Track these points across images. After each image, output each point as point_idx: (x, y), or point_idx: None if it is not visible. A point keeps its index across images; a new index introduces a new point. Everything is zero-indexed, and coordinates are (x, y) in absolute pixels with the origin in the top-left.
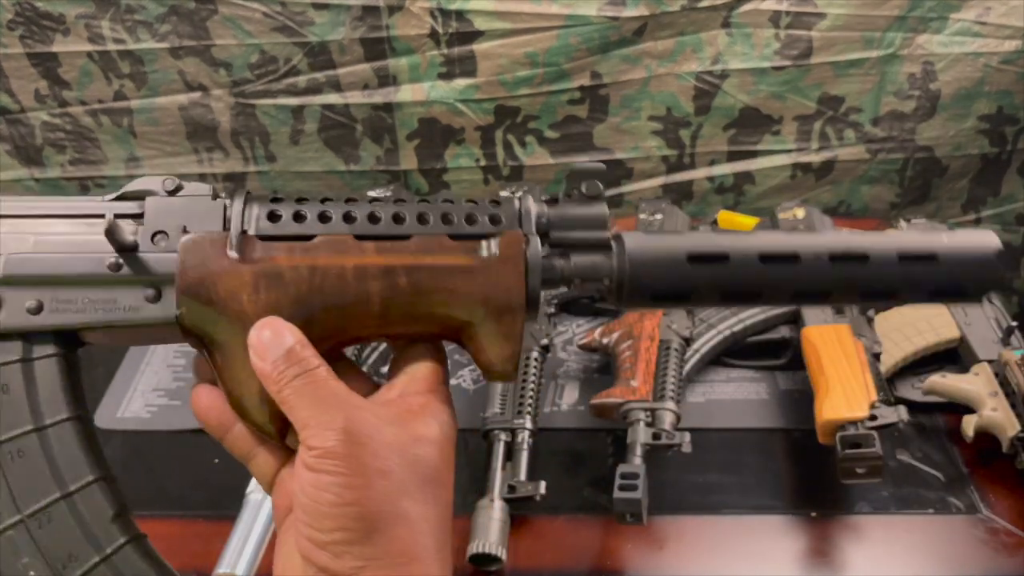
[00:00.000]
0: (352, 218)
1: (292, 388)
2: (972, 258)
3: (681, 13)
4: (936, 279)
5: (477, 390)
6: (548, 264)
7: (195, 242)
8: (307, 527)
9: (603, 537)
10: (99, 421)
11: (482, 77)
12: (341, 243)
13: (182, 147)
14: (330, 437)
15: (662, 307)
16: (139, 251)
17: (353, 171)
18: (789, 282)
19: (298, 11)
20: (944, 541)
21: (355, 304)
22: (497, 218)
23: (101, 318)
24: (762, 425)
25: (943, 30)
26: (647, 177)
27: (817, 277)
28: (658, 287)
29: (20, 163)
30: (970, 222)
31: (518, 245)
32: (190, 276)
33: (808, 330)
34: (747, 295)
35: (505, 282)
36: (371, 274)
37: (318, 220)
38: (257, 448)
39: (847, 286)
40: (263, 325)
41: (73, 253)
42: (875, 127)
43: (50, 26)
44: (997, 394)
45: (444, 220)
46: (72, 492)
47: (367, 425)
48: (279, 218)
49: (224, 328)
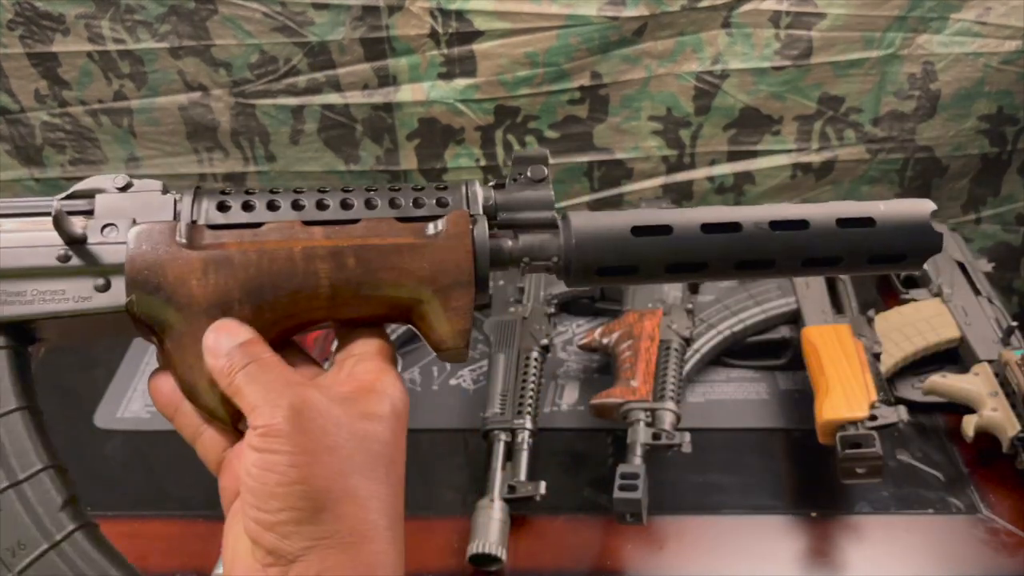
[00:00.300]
0: (300, 206)
1: (241, 375)
2: (909, 222)
3: (681, 13)
4: (875, 244)
5: (477, 390)
6: (496, 244)
7: (144, 231)
8: (254, 508)
9: (603, 537)
10: (99, 421)
11: (482, 77)
12: (289, 228)
13: (182, 147)
14: (276, 414)
15: (610, 283)
16: (88, 243)
17: (353, 171)
18: (732, 251)
19: (298, 11)
20: (944, 541)
21: (304, 286)
22: (444, 202)
23: (50, 308)
24: (762, 425)
25: (943, 30)
26: (647, 177)
27: (759, 245)
28: (605, 260)
29: (20, 163)
30: (970, 222)
31: (465, 223)
32: (139, 263)
33: (808, 330)
34: (692, 265)
35: (453, 257)
36: (319, 255)
37: (266, 208)
38: (203, 427)
39: (789, 253)
40: (218, 327)
41: (21, 247)
42: (875, 127)
43: (50, 26)
44: (997, 394)
45: (392, 205)
46: (21, 481)
47: (314, 402)
48: (228, 208)
49: (173, 314)
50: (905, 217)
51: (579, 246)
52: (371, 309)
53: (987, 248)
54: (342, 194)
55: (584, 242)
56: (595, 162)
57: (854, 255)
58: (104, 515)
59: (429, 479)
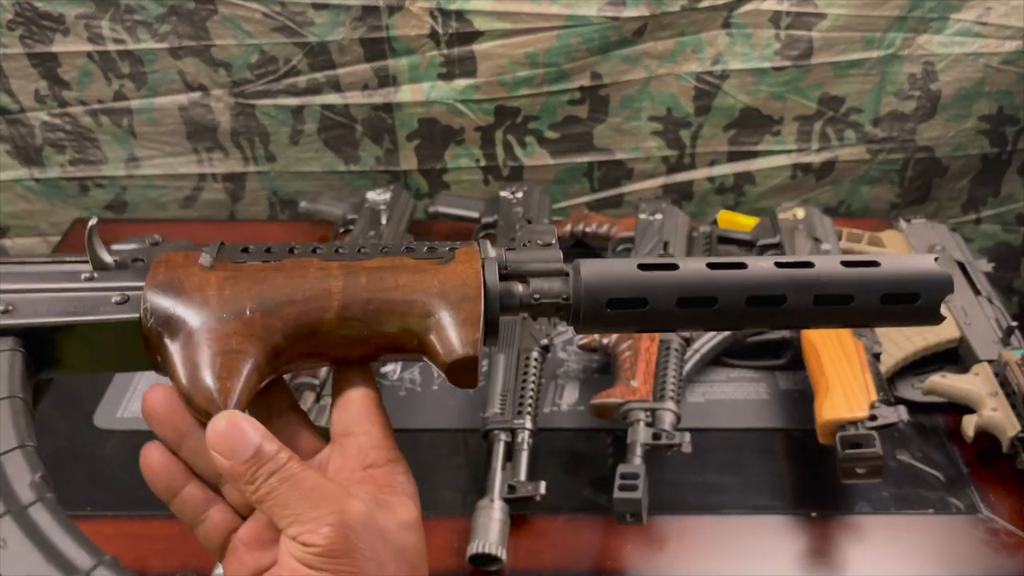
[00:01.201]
0: (316, 251)
1: (270, 488)
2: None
3: (681, 13)
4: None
5: (477, 390)
6: (505, 287)
7: (169, 254)
8: None
9: (603, 537)
10: (99, 421)
11: (482, 77)
12: (307, 261)
13: (182, 147)
14: (326, 534)
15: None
16: (113, 268)
17: (353, 171)
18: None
19: (298, 11)
20: (944, 541)
21: (316, 296)
22: (455, 249)
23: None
24: (762, 425)
25: (943, 30)
26: (647, 177)
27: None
28: (614, 293)
29: (20, 163)
30: (970, 222)
31: (475, 253)
32: (160, 277)
33: (808, 330)
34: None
35: (462, 275)
36: (333, 274)
37: (286, 252)
38: (206, 513)
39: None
40: (220, 418)
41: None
42: (875, 127)
43: (50, 26)
44: (997, 394)
45: (406, 251)
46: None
47: (359, 517)
48: (249, 252)
49: (184, 314)
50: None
51: (587, 283)
52: (380, 326)
53: (987, 248)
54: (358, 245)
55: (593, 279)
56: (595, 162)
57: (865, 291)
58: (104, 515)
59: (429, 479)
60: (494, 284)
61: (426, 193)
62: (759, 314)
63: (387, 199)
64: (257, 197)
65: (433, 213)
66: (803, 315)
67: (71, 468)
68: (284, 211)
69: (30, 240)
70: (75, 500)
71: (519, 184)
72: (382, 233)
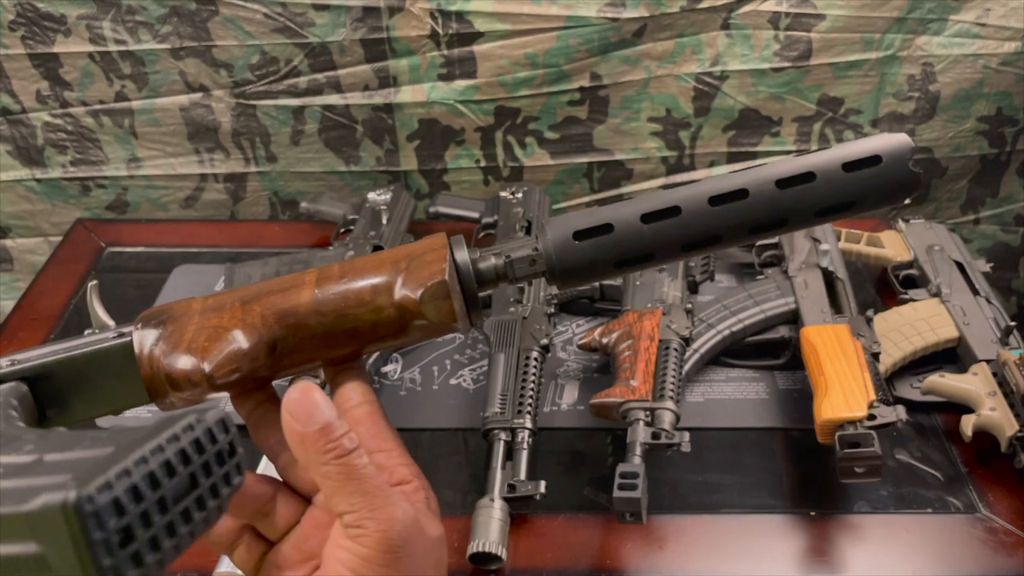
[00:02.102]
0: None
1: (333, 468)
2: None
3: (681, 14)
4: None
5: (477, 390)
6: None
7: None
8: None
9: (603, 536)
10: (100, 421)
11: (482, 78)
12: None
13: (183, 148)
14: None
15: (597, 265)
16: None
17: (353, 172)
18: (700, 192)
19: (299, 12)
20: (943, 540)
21: (291, 287)
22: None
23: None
24: (761, 425)
25: (942, 31)
26: (647, 178)
27: (754, 201)
28: (578, 226)
29: (21, 163)
30: (969, 222)
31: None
32: (150, 311)
33: (807, 330)
34: (665, 212)
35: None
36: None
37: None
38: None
39: (760, 181)
40: (295, 388)
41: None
42: (875, 128)
43: (51, 27)
44: (995, 394)
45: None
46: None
47: (409, 527)
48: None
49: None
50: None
51: (553, 228)
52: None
53: (986, 248)
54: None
55: (557, 221)
56: (595, 163)
57: (825, 166)
58: None
59: (429, 478)
60: (464, 258)
61: (426, 193)
62: (726, 215)
63: (387, 199)
64: (258, 197)
65: (433, 213)
66: (772, 207)
67: None
68: (285, 211)
69: (32, 240)
70: None
71: (519, 184)
72: (382, 233)
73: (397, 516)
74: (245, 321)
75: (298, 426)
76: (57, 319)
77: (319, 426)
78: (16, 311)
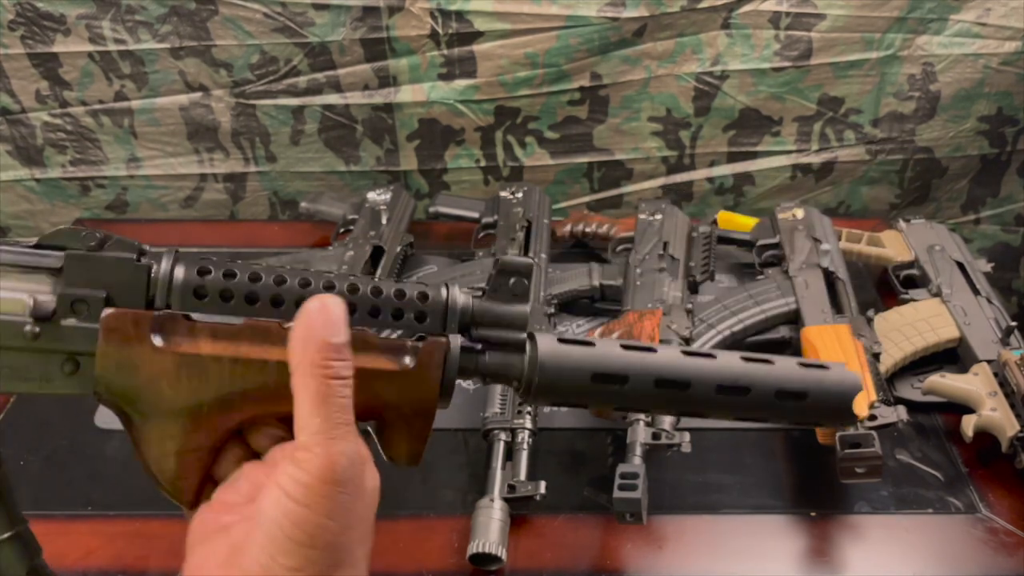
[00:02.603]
0: (279, 302)
1: (315, 384)
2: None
3: (681, 14)
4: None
5: (477, 390)
6: (465, 361)
7: (117, 320)
8: (266, 552)
9: (603, 536)
10: (99, 421)
11: (482, 78)
12: (265, 330)
13: (183, 147)
14: (326, 469)
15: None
16: (59, 319)
17: (353, 171)
18: (681, 403)
19: (298, 12)
20: (943, 541)
21: (276, 397)
22: (423, 316)
23: (14, 387)
24: (761, 425)
25: (943, 31)
26: (647, 178)
27: (704, 401)
28: (560, 393)
29: (21, 163)
30: (969, 222)
31: (439, 355)
32: (111, 358)
33: (807, 330)
34: (614, 377)
35: (422, 389)
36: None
37: (245, 302)
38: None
39: (729, 408)
40: (333, 299)
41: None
42: (875, 128)
43: (51, 26)
44: (996, 394)
45: (371, 314)
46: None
47: (356, 467)
48: (204, 297)
49: (141, 409)
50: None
51: (541, 377)
52: None
53: (986, 248)
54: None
55: (546, 373)
56: (595, 163)
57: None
58: (105, 515)
59: (429, 479)
60: (453, 366)
61: (426, 193)
62: (687, 415)
63: (387, 199)
64: (258, 197)
65: (433, 213)
66: (705, 403)
67: (72, 468)
68: (285, 211)
69: (32, 240)
70: (76, 500)
71: (519, 184)
72: (382, 233)
73: (347, 451)
74: (221, 431)
75: (316, 328)
76: None
77: (333, 340)
78: None
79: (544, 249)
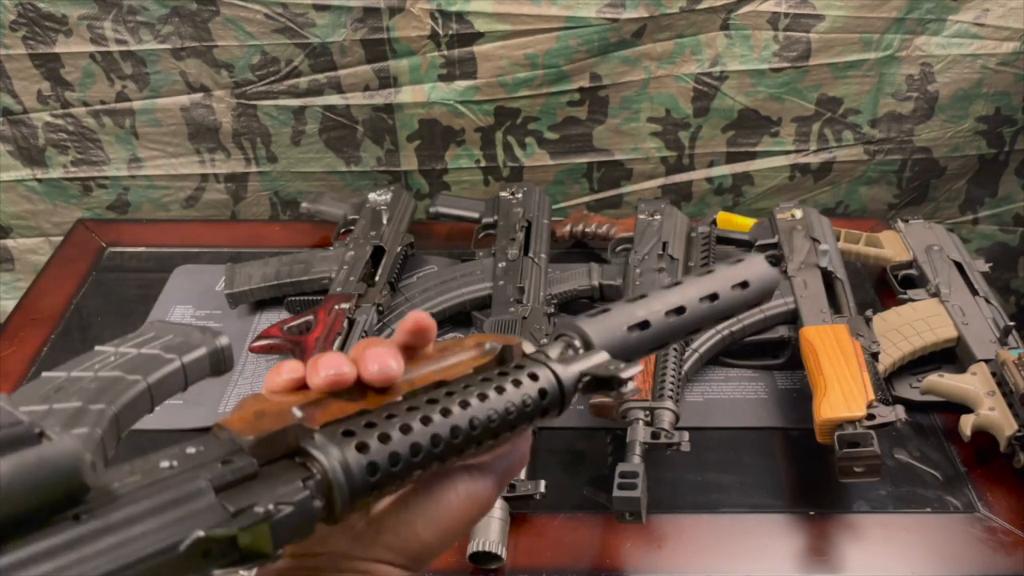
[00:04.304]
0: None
1: None
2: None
3: (680, 15)
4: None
5: None
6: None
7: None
8: None
9: (602, 535)
10: None
11: (482, 78)
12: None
13: (184, 148)
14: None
15: None
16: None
17: (354, 172)
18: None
19: (299, 12)
20: (942, 540)
21: None
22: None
23: None
24: (760, 424)
25: (941, 32)
26: (646, 178)
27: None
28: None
29: (23, 164)
30: (968, 222)
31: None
32: None
33: (806, 330)
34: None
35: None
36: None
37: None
38: None
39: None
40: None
41: None
42: (873, 128)
43: (52, 27)
44: (994, 393)
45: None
46: None
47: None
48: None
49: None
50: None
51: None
52: None
53: (984, 248)
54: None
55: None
56: (595, 163)
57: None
58: None
59: None
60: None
61: (426, 193)
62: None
63: (388, 200)
64: (259, 197)
65: (433, 213)
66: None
67: None
68: (286, 211)
69: (33, 240)
70: None
71: (519, 184)
72: (383, 234)
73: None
74: None
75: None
76: (58, 319)
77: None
78: (17, 311)
79: (544, 249)
